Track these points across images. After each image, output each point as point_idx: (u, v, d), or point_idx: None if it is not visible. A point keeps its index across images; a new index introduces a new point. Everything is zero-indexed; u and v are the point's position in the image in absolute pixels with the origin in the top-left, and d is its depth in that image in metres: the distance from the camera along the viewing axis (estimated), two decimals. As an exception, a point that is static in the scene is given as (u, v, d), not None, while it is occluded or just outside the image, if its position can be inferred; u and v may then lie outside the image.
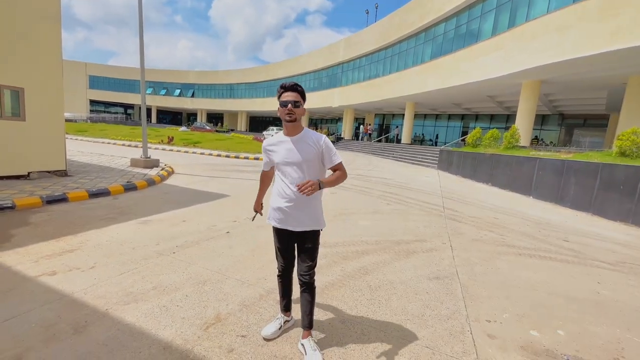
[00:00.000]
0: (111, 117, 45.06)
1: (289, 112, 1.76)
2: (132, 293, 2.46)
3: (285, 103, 1.77)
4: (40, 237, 3.52)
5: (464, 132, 25.34)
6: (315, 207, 1.90)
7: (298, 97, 1.78)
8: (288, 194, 1.83)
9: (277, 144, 1.87)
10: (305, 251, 1.92)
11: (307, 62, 32.50)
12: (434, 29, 17.89)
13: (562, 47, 10.21)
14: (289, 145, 1.83)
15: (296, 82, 1.83)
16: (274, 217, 1.91)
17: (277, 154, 1.86)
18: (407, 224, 5.08)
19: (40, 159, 6.60)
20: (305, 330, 1.96)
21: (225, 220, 4.61)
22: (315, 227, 1.91)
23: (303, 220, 1.86)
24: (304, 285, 1.94)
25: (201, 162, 12.08)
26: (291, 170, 1.83)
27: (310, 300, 1.94)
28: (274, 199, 1.92)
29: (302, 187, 1.66)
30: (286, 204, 1.84)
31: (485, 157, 11.48)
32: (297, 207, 1.84)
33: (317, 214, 1.92)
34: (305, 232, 1.89)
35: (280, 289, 2.11)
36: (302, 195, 1.73)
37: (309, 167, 1.83)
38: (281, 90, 1.80)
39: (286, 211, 1.85)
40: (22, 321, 2.03)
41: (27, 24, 6.19)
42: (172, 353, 1.84)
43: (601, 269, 3.76)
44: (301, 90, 1.81)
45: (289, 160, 1.82)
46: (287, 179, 1.85)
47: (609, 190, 6.68)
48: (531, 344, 2.17)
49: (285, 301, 2.13)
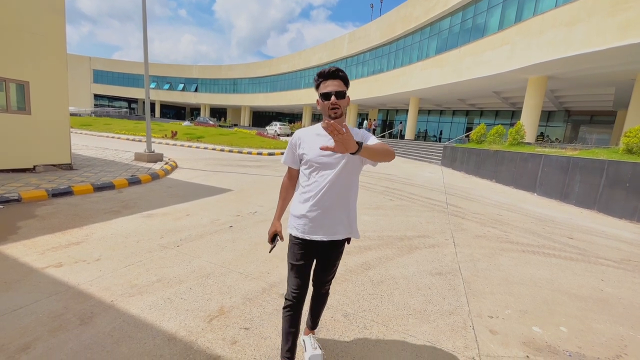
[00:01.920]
0: (115, 111, 45.21)
1: (334, 105, 1.42)
2: (137, 285, 2.49)
3: (327, 95, 1.42)
4: (46, 229, 3.56)
5: (469, 128, 25.15)
6: (350, 210, 1.60)
7: (342, 85, 1.44)
8: (318, 196, 1.51)
9: (313, 137, 1.54)
10: (329, 264, 1.66)
11: (311, 57, 32.27)
12: (440, 23, 17.67)
13: (570, 42, 10.04)
14: (329, 141, 1.43)
15: (337, 66, 1.50)
16: (298, 226, 1.57)
17: (312, 148, 1.51)
18: (410, 220, 5.07)
19: (45, 152, 6.65)
20: (308, 329, 1.94)
21: (228, 214, 4.63)
22: (349, 236, 1.62)
23: (335, 227, 1.56)
24: (319, 295, 1.80)
25: (204, 157, 12.11)
26: (327, 167, 1.51)
27: (322, 305, 1.84)
28: (298, 206, 1.59)
29: (332, 126, 1.09)
30: (315, 209, 1.52)
31: (490, 154, 11.39)
32: (329, 211, 1.53)
33: (352, 220, 1.61)
34: (333, 242, 1.59)
35: (286, 326, 1.60)
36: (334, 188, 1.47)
37: (349, 167, 1.52)
38: (319, 79, 1.47)
39: (314, 218, 1.53)
40: (30, 311, 2.07)
41: (32, 17, 6.20)
42: (176, 344, 1.86)
43: (605, 266, 3.74)
44: (344, 76, 1.47)
45: (330, 157, 1.49)
46: (321, 179, 1.51)
47: (615, 187, 6.61)
48: (533, 340, 2.17)
49: (289, 345, 1.60)
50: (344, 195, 1.56)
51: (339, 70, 1.45)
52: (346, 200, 1.57)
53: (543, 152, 9.24)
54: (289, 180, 1.70)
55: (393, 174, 10.86)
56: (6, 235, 3.30)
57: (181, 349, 1.83)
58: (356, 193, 1.62)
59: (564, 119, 22.26)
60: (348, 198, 1.58)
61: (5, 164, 6.10)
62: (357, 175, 1.59)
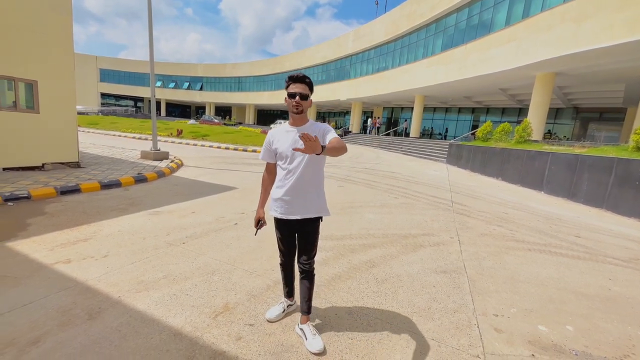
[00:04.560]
0: (121, 110, 45.64)
1: (297, 104, 1.80)
2: (144, 281, 2.53)
3: (293, 95, 1.80)
4: (55, 226, 3.62)
5: (474, 125, 24.88)
6: (318, 194, 1.94)
7: (306, 89, 1.81)
8: (290, 182, 1.87)
9: (283, 134, 1.91)
10: (306, 239, 1.97)
11: (315, 55, 32.20)
12: (445, 20, 17.48)
13: (579, 37, 9.87)
14: (295, 135, 1.85)
15: (304, 73, 1.85)
16: (277, 208, 1.94)
17: (283, 143, 1.89)
18: (414, 218, 5.05)
19: (53, 150, 6.75)
20: (304, 316, 2.02)
21: (233, 212, 4.66)
22: (319, 214, 1.95)
23: (307, 207, 1.91)
24: (304, 273, 2.00)
25: (210, 155, 12.18)
26: (296, 157, 1.86)
27: (309, 287, 2.01)
28: (275, 191, 1.95)
29: (305, 136, 1.41)
30: (289, 193, 1.88)
31: (496, 151, 11.27)
32: (300, 194, 1.88)
33: (321, 201, 1.96)
34: (307, 219, 1.93)
35: (283, 277, 2.18)
36: (303, 176, 1.83)
37: (314, 158, 1.85)
38: (289, 81, 1.83)
39: (289, 200, 1.89)
40: (40, 306, 2.11)
41: (39, 17, 6.27)
42: (182, 339, 1.88)
43: (613, 265, 3.69)
44: (309, 82, 1.83)
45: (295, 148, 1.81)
46: (290, 167, 1.88)
47: (624, 186, 6.50)
48: (539, 339, 2.16)
49: (288, 288, 2.21)
50: (313, 181, 1.91)
51: (306, 77, 1.82)
52: (315, 185, 1.92)
53: (550, 149, 9.12)
54: (268, 174, 2.08)
55: (398, 172, 10.81)
56: (16, 232, 3.36)
57: (187, 344, 1.85)
58: (322, 178, 1.99)
59: (572, 116, 21.92)
60: (316, 183, 1.93)
61: (15, 162, 6.21)
62: (322, 164, 1.95)
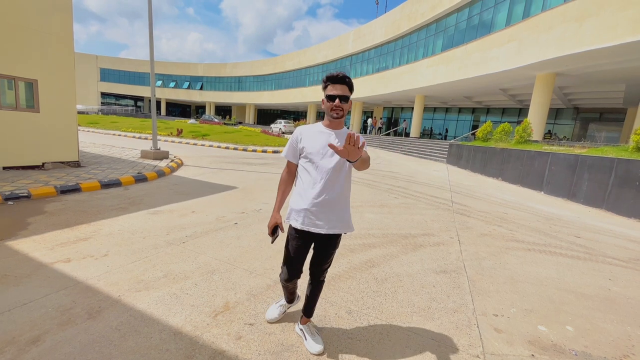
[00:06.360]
0: (122, 109, 45.66)
1: (337, 107, 1.59)
2: (144, 281, 2.53)
3: (332, 97, 1.59)
4: (55, 225, 3.62)
5: (475, 125, 24.88)
6: (346, 206, 1.74)
7: (346, 91, 1.60)
8: (317, 190, 1.65)
9: (316, 134, 1.68)
10: (324, 254, 1.79)
11: (316, 55, 32.17)
12: (446, 20, 17.47)
13: (580, 37, 9.86)
14: (331, 138, 1.64)
15: (344, 72, 1.62)
16: (298, 218, 1.71)
17: (314, 143, 1.66)
18: (414, 218, 5.05)
19: (54, 150, 6.75)
20: (305, 317, 2.00)
21: (233, 211, 4.66)
22: (345, 231, 1.74)
23: (333, 221, 1.69)
24: (315, 281, 1.89)
25: (210, 155, 12.18)
26: (327, 163, 1.64)
27: (317, 293, 1.93)
28: (297, 199, 1.72)
29: (353, 138, 1.29)
30: (315, 204, 1.65)
31: (496, 152, 11.27)
32: (328, 206, 1.66)
33: (347, 216, 1.76)
34: (331, 235, 1.72)
35: (287, 293, 2.04)
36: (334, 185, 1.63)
37: (345, 166, 1.67)
38: (327, 82, 1.61)
39: (315, 211, 1.66)
40: (39, 305, 2.11)
41: (40, 16, 6.27)
42: (182, 339, 1.88)
43: (613, 265, 3.69)
44: (349, 82, 1.61)
45: (327, 155, 1.64)
46: (319, 173, 1.65)
47: (624, 186, 6.50)
48: (539, 339, 2.16)
49: (290, 296, 2.10)
50: (343, 192, 1.70)
51: (346, 77, 1.60)
52: (345, 196, 1.72)
53: (550, 150, 9.12)
54: (287, 174, 1.83)
55: (398, 171, 10.81)
56: (16, 231, 3.36)
57: (187, 343, 1.85)
58: (350, 190, 1.76)
59: (572, 116, 21.92)
60: (346, 194, 1.73)
61: (15, 161, 6.21)
62: (350, 174, 1.74)
